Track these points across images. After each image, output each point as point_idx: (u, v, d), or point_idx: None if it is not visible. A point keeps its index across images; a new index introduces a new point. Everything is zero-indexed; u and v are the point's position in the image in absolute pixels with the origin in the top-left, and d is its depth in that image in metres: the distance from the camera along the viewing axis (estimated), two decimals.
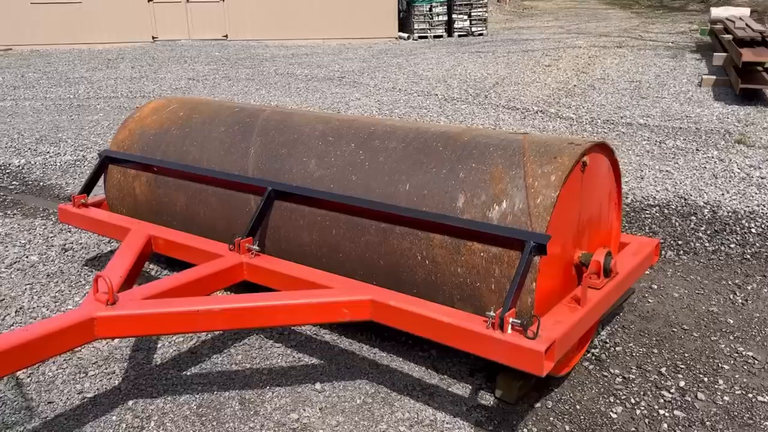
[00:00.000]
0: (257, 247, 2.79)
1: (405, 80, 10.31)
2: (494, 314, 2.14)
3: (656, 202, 4.70)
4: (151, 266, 3.72)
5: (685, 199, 4.72)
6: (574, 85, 9.53)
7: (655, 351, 2.89)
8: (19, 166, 5.84)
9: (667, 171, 5.41)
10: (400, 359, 2.82)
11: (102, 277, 2.30)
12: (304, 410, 2.49)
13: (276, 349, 2.90)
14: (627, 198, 4.78)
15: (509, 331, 2.11)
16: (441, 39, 17.52)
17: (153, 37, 17.21)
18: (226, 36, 17.50)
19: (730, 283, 3.52)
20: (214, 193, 3.09)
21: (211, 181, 3.09)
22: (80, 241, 4.07)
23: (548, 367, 2.06)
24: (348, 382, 2.67)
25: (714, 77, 9.21)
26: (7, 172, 5.64)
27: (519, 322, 2.12)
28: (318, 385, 2.64)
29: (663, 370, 2.75)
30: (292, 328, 3.05)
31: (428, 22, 18.11)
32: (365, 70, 11.42)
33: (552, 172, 2.32)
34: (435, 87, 9.71)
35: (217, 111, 3.41)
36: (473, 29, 18.31)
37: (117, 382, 2.66)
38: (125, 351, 2.88)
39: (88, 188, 3.52)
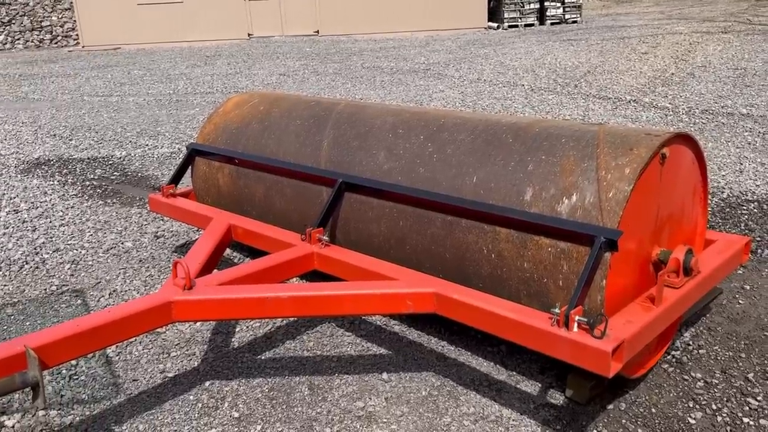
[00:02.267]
0: (327, 238, 2.85)
1: (491, 71, 10.15)
2: (559, 311, 2.07)
3: (755, 197, 4.39)
4: (235, 254, 3.89)
5: None
6: (672, 74, 9.03)
7: (743, 355, 2.71)
8: (120, 157, 6.25)
9: None
10: (468, 353, 2.80)
11: (180, 263, 2.43)
12: (370, 399, 2.53)
13: (346, 338, 2.95)
14: (722, 192, 4.49)
15: (575, 329, 2.05)
16: (532, 27, 17.10)
17: (248, 34, 17.87)
18: (317, 31, 17.89)
19: None
20: (289, 184, 3.18)
21: (286, 173, 3.18)
22: (171, 229, 4.31)
23: (615, 368, 1.98)
24: (414, 373, 2.68)
25: None
26: (110, 164, 6.06)
27: (585, 320, 2.05)
28: (385, 375, 2.67)
29: (750, 375, 2.57)
30: (363, 318, 3.10)
31: (519, 10, 17.72)
32: (451, 62, 11.33)
33: (627, 164, 2.22)
34: (522, 77, 9.49)
35: (294, 105, 3.50)
36: (567, 16, 17.74)
37: (196, 363, 2.80)
38: (206, 334, 3.03)
39: (176, 179, 3.72)
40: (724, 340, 2.82)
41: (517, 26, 17.43)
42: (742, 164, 5.08)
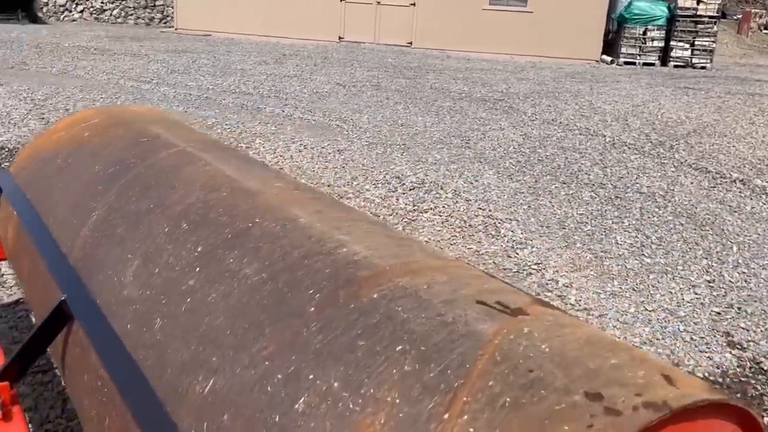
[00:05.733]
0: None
1: (573, 112, 8.47)
2: None
3: None
4: None
5: None
6: None
7: None
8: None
9: None
10: None
11: None
12: None
13: None
14: None
15: None
16: (651, 67, 15.02)
17: (339, 37, 17.00)
18: (410, 43, 16.72)
19: None
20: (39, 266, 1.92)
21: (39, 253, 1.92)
22: None
23: None
24: None
25: None
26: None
27: None
28: None
29: None
30: None
31: (639, 46, 15.69)
32: (532, 95, 9.73)
33: None
34: (608, 126, 7.77)
35: (120, 137, 2.24)
36: (694, 60, 15.50)
37: None
38: None
39: None
40: None
41: (634, 64, 15.39)
42: None
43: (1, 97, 7.35)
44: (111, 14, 23.39)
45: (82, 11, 23.49)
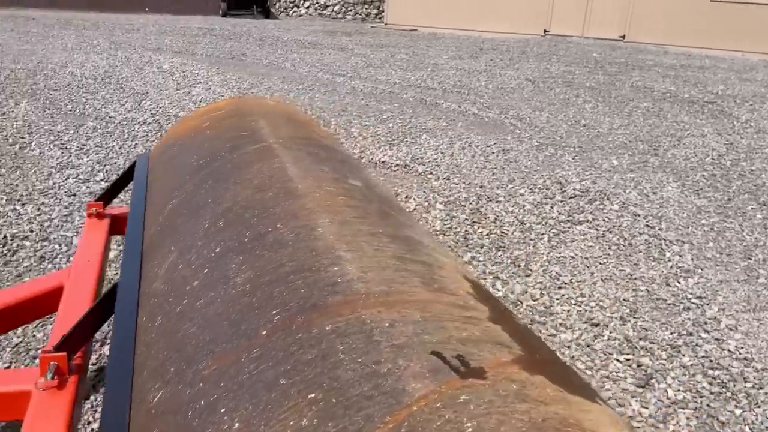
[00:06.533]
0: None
1: None
2: None
3: None
4: None
5: None
6: None
7: None
8: None
9: None
10: None
11: None
12: None
13: None
14: None
15: None
16: None
17: (545, 31, 16.35)
18: (623, 36, 15.50)
19: None
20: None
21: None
22: None
23: None
24: None
25: None
26: None
27: None
28: None
29: None
30: None
31: None
32: (753, 98, 8.40)
33: None
34: None
35: (234, 126, 2.32)
36: None
37: None
38: None
39: (111, 194, 2.86)
40: None
41: None
42: None
43: (214, 84, 8.22)
44: (333, 10, 25.11)
45: (308, 7, 25.55)
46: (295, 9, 25.58)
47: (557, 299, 3.23)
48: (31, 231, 3.60)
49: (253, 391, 0.93)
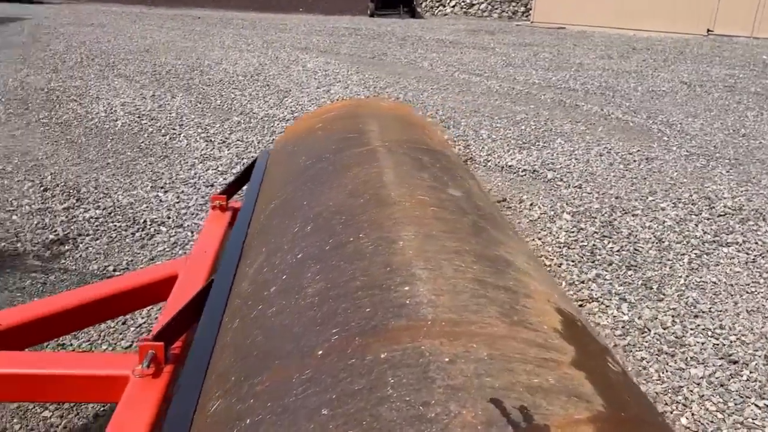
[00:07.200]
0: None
1: None
2: None
3: None
4: None
5: None
6: None
7: None
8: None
9: None
10: None
11: None
12: None
13: None
14: None
15: None
16: None
17: (708, 30, 15.01)
18: None
19: None
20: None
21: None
22: None
23: None
24: None
25: None
26: None
27: None
28: None
29: None
30: None
31: None
32: None
33: None
34: None
35: (344, 128, 2.30)
36: None
37: None
38: None
39: (234, 188, 2.96)
40: None
41: None
42: None
43: (352, 84, 8.41)
44: (479, 8, 24.82)
45: (454, 6, 25.45)
46: (441, 8, 25.56)
47: (691, 329, 2.90)
48: (168, 218, 3.85)
49: (294, 418, 0.87)
